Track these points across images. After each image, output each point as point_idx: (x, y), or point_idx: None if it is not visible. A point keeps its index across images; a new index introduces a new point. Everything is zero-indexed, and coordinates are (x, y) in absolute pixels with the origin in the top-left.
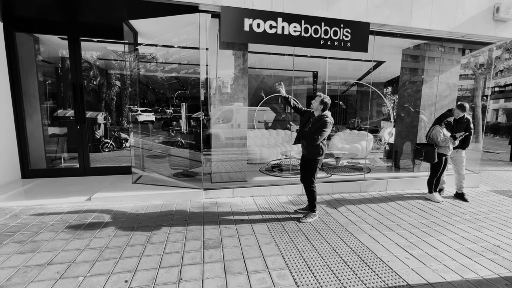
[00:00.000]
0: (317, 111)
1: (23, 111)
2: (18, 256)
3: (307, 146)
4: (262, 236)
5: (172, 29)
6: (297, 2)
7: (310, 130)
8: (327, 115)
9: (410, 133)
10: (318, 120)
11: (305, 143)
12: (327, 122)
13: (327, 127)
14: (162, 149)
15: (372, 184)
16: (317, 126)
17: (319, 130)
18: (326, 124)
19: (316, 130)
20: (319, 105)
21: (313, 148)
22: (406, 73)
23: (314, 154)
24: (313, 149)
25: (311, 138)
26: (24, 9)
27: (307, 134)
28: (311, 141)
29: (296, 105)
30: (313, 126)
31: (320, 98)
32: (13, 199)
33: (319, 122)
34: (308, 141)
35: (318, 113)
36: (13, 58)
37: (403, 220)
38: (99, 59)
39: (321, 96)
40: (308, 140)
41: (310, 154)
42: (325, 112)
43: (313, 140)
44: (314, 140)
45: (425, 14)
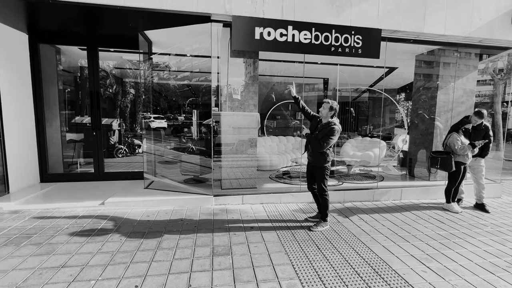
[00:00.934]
0: (326, 118)
1: (44, 118)
2: (34, 258)
3: (313, 153)
4: (272, 244)
5: (185, 39)
6: (308, 10)
7: (317, 136)
8: (334, 123)
9: (425, 141)
10: (326, 127)
11: (311, 150)
12: (335, 129)
13: (334, 134)
14: (173, 155)
15: (386, 193)
16: (324, 133)
17: (325, 137)
18: (333, 131)
19: (323, 137)
20: (329, 112)
21: (319, 155)
22: (420, 79)
23: (320, 161)
24: (319, 156)
25: (317, 145)
26: (48, 22)
27: (313, 140)
28: (317, 147)
29: (305, 107)
30: (320, 132)
31: (328, 104)
32: (32, 202)
33: (326, 129)
34: (314, 147)
35: (326, 120)
36: (36, 68)
37: (419, 231)
38: (115, 68)
39: (329, 102)
40: (314, 146)
41: (316, 161)
42: (333, 119)
43: (319, 147)
44: (320, 147)
45: (439, 19)
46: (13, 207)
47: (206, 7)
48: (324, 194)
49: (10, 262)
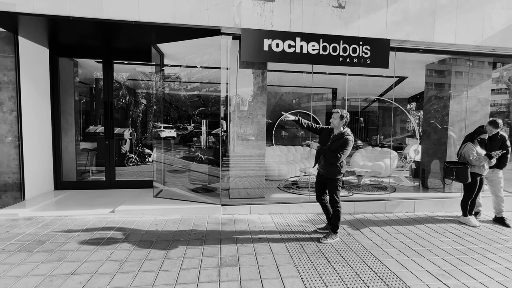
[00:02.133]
0: (338, 129)
1: (60, 128)
2: (46, 264)
3: (326, 164)
4: (280, 256)
5: (195, 51)
6: (315, 22)
7: (331, 148)
8: (348, 133)
9: (438, 151)
10: (340, 138)
11: (324, 162)
12: (349, 139)
13: (349, 144)
14: (182, 164)
15: (398, 205)
16: (338, 144)
17: (341, 148)
18: (348, 141)
19: (338, 148)
20: (340, 121)
21: (332, 166)
22: (432, 89)
23: (334, 173)
24: (333, 168)
25: (333, 157)
26: (68, 37)
27: (328, 153)
28: (333, 159)
29: (309, 124)
30: (334, 144)
31: (338, 114)
32: (45, 209)
33: (340, 140)
34: (329, 159)
35: (338, 130)
36: (55, 80)
37: (434, 245)
38: (129, 80)
39: (339, 111)
40: (329, 158)
41: (329, 173)
42: (346, 129)
43: (336, 158)
44: (336, 158)
45: (449, 28)
46: (28, 214)
47: (217, 21)
48: (337, 206)
49: (23, 268)
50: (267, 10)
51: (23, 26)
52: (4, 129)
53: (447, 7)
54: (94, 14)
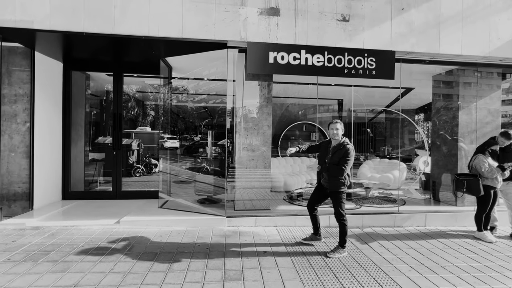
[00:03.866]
0: (337, 139)
1: (70, 139)
2: (50, 275)
3: (330, 177)
4: (285, 271)
5: (203, 64)
6: (320, 35)
7: (333, 160)
8: (347, 142)
9: (449, 163)
10: (340, 149)
11: (327, 176)
12: (350, 149)
13: (351, 154)
14: (188, 174)
15: (408, 218)
16: (340, 155)
17: (343, 159)
18: (349, 151)
19: (341, 159)
20: (341, 133)
21: (336, 179)
22: (439, 100)
23: (338, 185)
24: (337, 180)
25: (338, 170)
26: (81, 51)
27: (332, 167)
28: (339, 173)
29: (309, 148)
30: (335, 155)
31: (340, 124)
32: (52, 219)
33: (341, 151)
34: (334, 173)
35: (337, 141)
36: (67, 92)
37: (448, 261)
38: (138, 92)
39: (338, 121)
40: (334, 172)
41: (333, 186)
42: (344, 139)
43: (341, 171)
44: (341, 171)
45: (455, 40)
46: (35, 224)
47: (223, 35)
48: (342, 219)
49: (27, 279)
50: (273, 24)
51: (40, 42)
52: (17, 139)
53: (452, 18)
54: (106, 30)
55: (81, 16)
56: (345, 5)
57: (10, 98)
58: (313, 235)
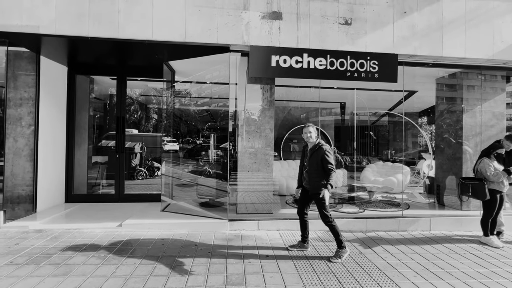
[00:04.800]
0: (312, 143)
1: (74, 142)
2: (52, 278)
3: (311, 179)
4: (288, 275)
5: (205, 67)
6: (322, 39)
7: (311, 162)
8: (322, 143)
9: (454, 166)
10: (316, 150)
11: (308, 178)
12: (326, 148)
13: (329, 151)
14: (190, 178)
15: (413, 223)
16: (318, 156)
17: (325, 159)
18: (326, 150)
19: (323, 160)
20: (315, 136)
21: (317, 181)
22: (443, 103)
23: (319, 186)
24: (317, 182)
25: (328, 172)
26: (85, 56)
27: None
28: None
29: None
30: (313, 157)
31: (313, 127)
32: (55, 222)
33: (318, 152)
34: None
35: (311, 144)
36: (72, 96)
37: (454, 267)
38: (141, 95)
39: (309, 125)
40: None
41: (315, 188)
42: (319, 140)
43: (331, 171)
44: (331, 171)
45: (458, 43)
46: (38, 226)
47: (226, 39)
48: (329, 221)
49: (29, 282)
50: (275, 28)
51: (45, 46)
52: (22, 142)
53: (455, 21)
54: (111, 35)
55: (86, 21)
56: (347, 9)
57: (16, 101)
58: (301, 243)
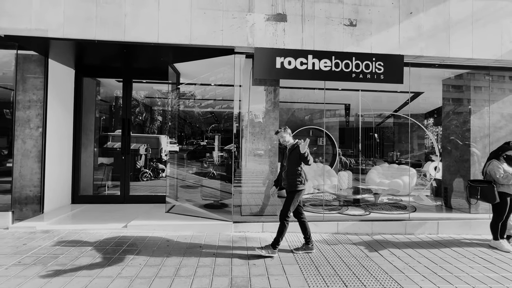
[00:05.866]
0: (289, 143)
1: (80, 144)
2: (58, 279)
3: (288, 177)
4: (293, 278)
5: (210, 69)
6: (327, 40)
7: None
8: (299, 142)
9: (461, 168)
10: (294, 149)
11: (285, 176)
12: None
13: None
14: (194, 179)
15: (420, 226)
16: (296, 154)
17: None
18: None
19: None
20: (290, 137)
21: (294, 177)
22: (450, 104)
23: (294, 184)
24: (294, 179)
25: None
26: (92, 58)
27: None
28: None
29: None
30: (291, 155)
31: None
32: (62, 222)
33: (296, 149)
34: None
35: (290, 145)
36: (79, 98)
37: (463, 271)
38: (146, 97)
39: (280, 130)
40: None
41: (291, 186)
42: (297, 140)
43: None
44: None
45: (465, 43)
46: (45, 227)
47: (231, 41)
48: (285, 220)
49: (36, 283)
50: (280, 30)
51: (53, 50)
52: (30, 144)
53: (462, 22)
54: (117, 38)
55: (93, 25)
56: (352, 10)
57: (24, 104)
58: (305, 245)
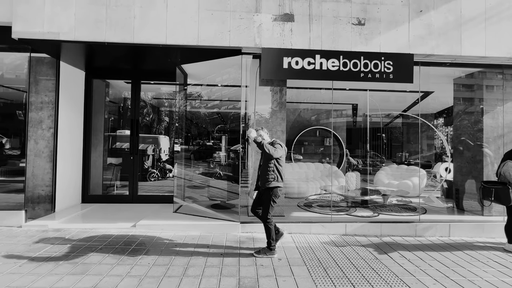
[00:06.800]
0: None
1: (90, 144)
2: (70, 277)
3: (262, 175)
4: (302, 280)
5: (216, 70)
6: (335, 40)
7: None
8: (276, 141)
9: (474, 169)
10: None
11: (260, 173)
12: (276, 142)
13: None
14: (201, 180)
15: (430, 228)
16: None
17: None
18: (275, 144)
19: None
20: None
21: (267, 177)
22: (461, 104)
23: (267, 181)
24: (267, 176)
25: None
26: (102, 60)
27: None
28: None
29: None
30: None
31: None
32: (73, 221)
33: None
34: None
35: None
36: (89, 100)
37: (476, 275)
38: (153, 98)
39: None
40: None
41: (264, 183)
42: (274, 139)
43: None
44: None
45: (478, 41)
46: (57, 226)
47: (238, 41)
48: (267, 221)
49: (49, 280)
50: (287, 30)
51: (65, 52)
52: (42, 144)
53: (474, 19)
54: (126, 40)
55: (103, 27)
56: (361, 9)
57: (37, 105)
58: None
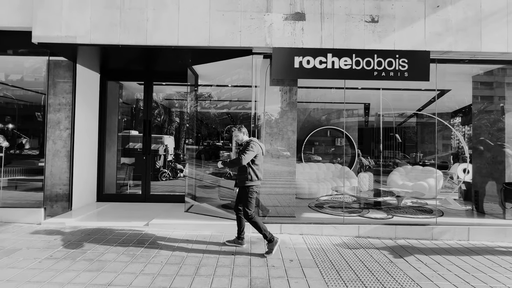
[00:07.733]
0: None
1: (105, 144)
2: (86, 273)
3: (238, 173)
4: (314, 282)
5: (227, 70)
6: (347, 38)
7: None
8: (253, 140)
9: (494, 171)
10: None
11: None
12: (250, 143)
13: (250, 145)
14: (211, 179)
15: (448, 231)
16: (241, 150)
17: (242, 151)
18: (249, 144)
19: (240, 152)
20: (243, 135)
21: (241, 173)
22: (481, 102)
23: (242, 180)
24: (242, 175)
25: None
26: (116, 63)
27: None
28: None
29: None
30: (240, 150)
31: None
32: (89, 219)
33: (243, 146)
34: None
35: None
36: (103, 101)
37: (498, 281)
38: (165, 99)
39: (234, 129)
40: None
41: (241, 182)
42: (251, 138)
43: (238, 160)
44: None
45: (499, 37)
46: (74, 223)
47: (249, 41)
48: (250, 217)
49: (67, 276)
50: (298, 29)
51: (81, 55)
52: (60, 145)
53: (495, 14)
54: (140, 42)
55: (117, 30)
56: (374, 6)
57: (55, 107)
58: (236, 239)
